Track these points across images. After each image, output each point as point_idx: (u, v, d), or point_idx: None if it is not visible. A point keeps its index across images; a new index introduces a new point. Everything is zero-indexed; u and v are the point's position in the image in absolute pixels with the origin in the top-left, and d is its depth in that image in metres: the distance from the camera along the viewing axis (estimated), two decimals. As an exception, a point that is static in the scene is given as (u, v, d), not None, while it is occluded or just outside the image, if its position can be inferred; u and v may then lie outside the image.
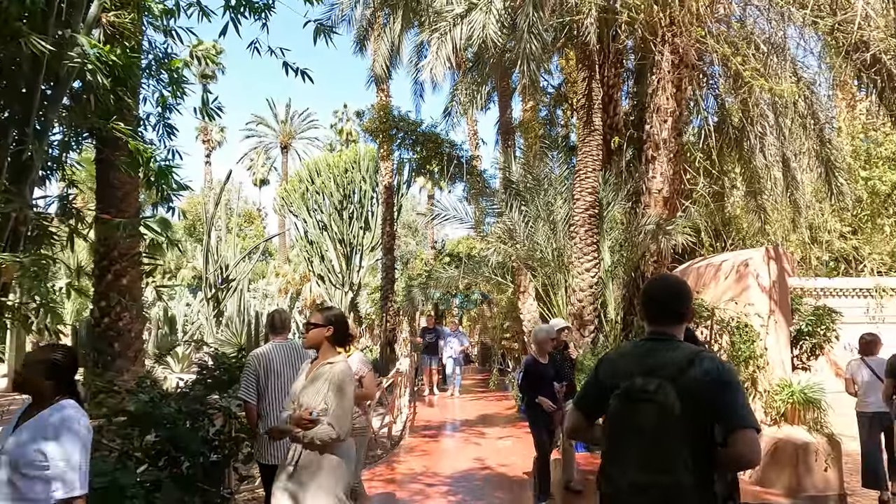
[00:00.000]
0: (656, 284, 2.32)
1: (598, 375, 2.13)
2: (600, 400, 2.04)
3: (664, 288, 2.23)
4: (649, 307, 2.17)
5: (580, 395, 2.23)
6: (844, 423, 7.89)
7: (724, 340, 6.48)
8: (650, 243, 9.17)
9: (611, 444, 1.99)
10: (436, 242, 27.45)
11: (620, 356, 2.15)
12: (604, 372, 2.12)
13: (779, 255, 6.64)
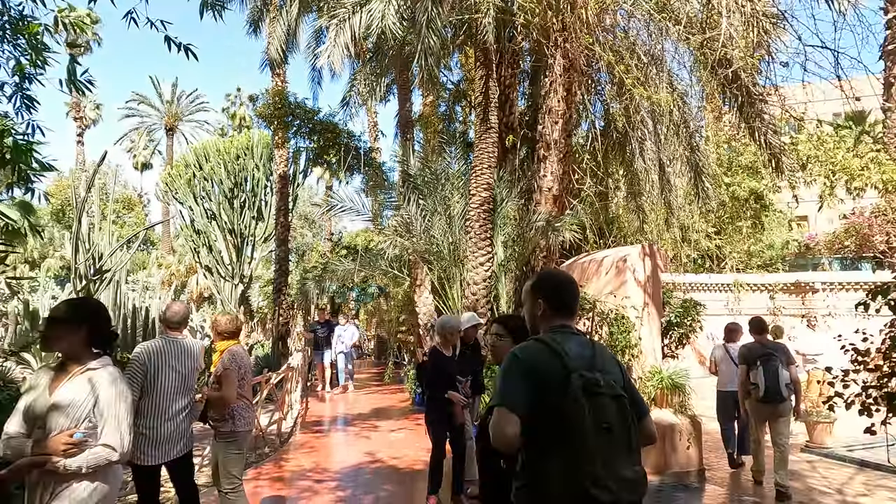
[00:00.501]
0: (568, 278, 2.27)
1: (530, 375, 1.92)
2: (536, 401, 1.90)
3: (574, 283, 2.27)
4: (569, 301, 2.17)
5: (514, 400, 1.91)
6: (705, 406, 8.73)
7: (604, 331, 6.91)
8: (540, 239, 9.57)
9: (578, 443, 1.86)
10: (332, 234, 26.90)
11: (557, 352, 1.97)
12: (541, 371, 1.93)
13: (653, 252, 7.18)
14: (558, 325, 2.11)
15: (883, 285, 3.44)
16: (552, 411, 1.88)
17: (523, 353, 2.00)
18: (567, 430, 1.87)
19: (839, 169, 11.88)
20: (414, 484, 6.06)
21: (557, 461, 1.88)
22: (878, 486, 6.31)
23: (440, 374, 5.15)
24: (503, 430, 1.88)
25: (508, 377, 1.97)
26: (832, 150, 12.10)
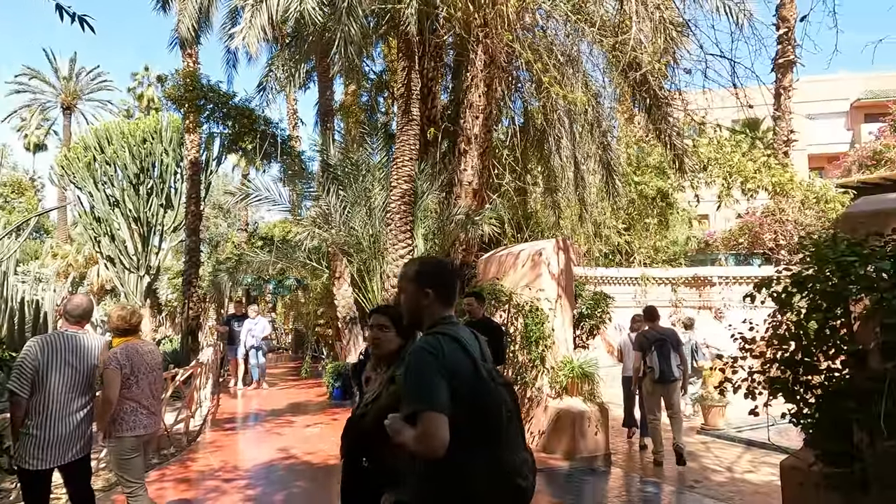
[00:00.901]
0: (453, 266, 2.29)
1: (445, 371, 1.82)
2: (452, 397, 1.81)
3: (456, 270, 2.27)
4: (455, 290, 2.11)
5: (441, 400, 1.78)
6: (613, 393, 9.18)
7: (519, 322, 7.08)
8: (460, 232, 9.67)
9: (497, 435, 1.88)
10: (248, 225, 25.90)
11: (464, 345, 1.90)
12: (455, 365, 1.84)
13: (567, 247, 7.43)
14: (446, 315, 2.02)
15: (766, 279, 3.73)
16: (469, 405, 1.82)
17: (435, 348, 1.86)
18: (487, 422, 1.86)
19: (735, 171, 12.80)
20: (329, 479, 5.96)
21: (479, 455, 1.84)
22: (762, 462, 6.88)
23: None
24: (440, 436, 1.74)
25: (426, 376, 1.82)
26: (730, 153, 13.02)
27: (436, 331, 1.94)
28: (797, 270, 3.63)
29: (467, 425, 1.81)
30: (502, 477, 1.87)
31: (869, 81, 30.62)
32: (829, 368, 3.66)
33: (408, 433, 1.82)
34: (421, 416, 1.77)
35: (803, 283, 3.50)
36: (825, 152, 27.83)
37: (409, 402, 1.84)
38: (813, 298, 3.65)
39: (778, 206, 13.57)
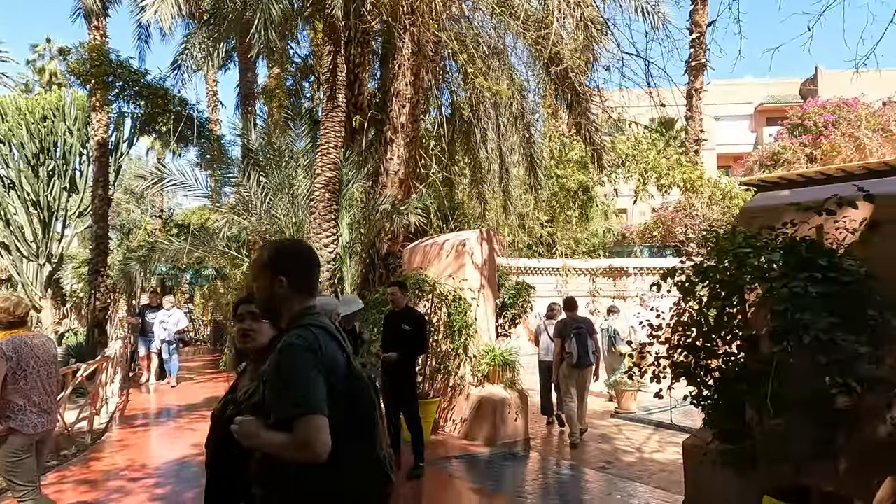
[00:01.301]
0: (313, 251, 2.01)
1: (322, 368, 1.69)
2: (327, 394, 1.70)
3: (317, 256, 2.01)
4: (317, 278, 1.95)
5: (321, 402, 1.64)
6: (534, 380, 9.45)
7: (443, 312, 7.13)
8: (386, 222, 9.60)
9: (370, 430, 1.85)
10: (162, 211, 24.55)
11: (337, 339, 1.81)
12: (331, 361, 1.73)
13: (490, 237, 7.54)
14: (310, 306, 1.85)
15: (672, 269, 3.94)
16: (345, 403, 1.72)
17: (310, 343, 1.69)
18: (362, 419, 1.80)
19: (651, 168, 13.43)
20: (245, 474, 5.79)
21: (355, 453, 1.76)
22: (668, 442, 7.31)
23: None
24: (323, 440, 1.61)
25: (303, 374, 1.65)
26: (646, 150, 13.63)
27: (307, 324, 1.76)
28: (699, 261, 3.86)
29: (343, 423, 1.69)
30: (377, 474, 1.83)
31: (770, 87, 33.05)
32: (726, 353, 3.92)
33: (276, 439, 1.65)
34: (301, 421, 1.60)
35: (705, 273, 3.72)
36: (732, 152, 29.77)
37: (286, 405, 1.64)
38: (713, 287, 3.88)
39: (688, 201, 14.36)
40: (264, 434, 1.68)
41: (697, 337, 3.88)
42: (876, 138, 12.33)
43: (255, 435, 1.70)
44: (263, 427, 1.70)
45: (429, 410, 6.77)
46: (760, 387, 3.44)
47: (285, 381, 1.67)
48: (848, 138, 12.57)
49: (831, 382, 3.09)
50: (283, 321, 1.86)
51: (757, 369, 3.59)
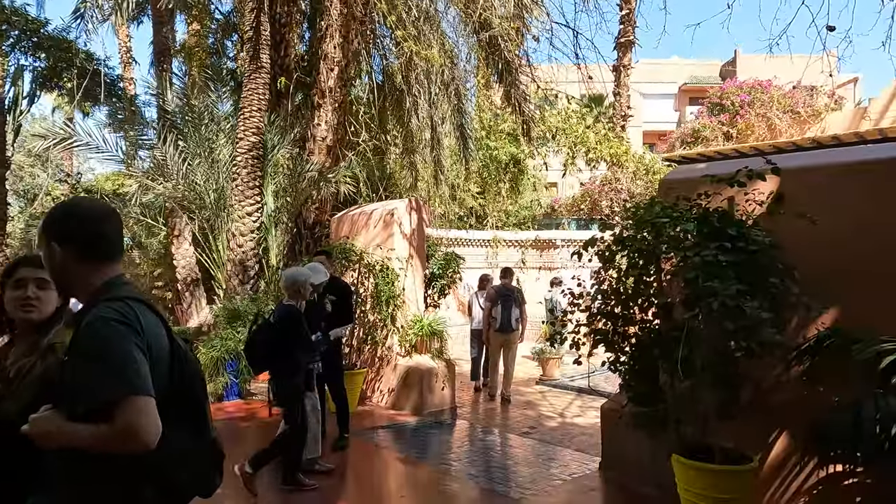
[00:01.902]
0: (108, 210, 1.65)
1: (142, 344, 1.44)
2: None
3: (114, 215, 1.66)
4: (104, 241, 1.59)
5: (147, 381, 1.41)
6: (462, 350, 9.55)
7: (370, 282, 7.02)
8: (313, 190, 9.30)
9: (201, 415, 1.65)
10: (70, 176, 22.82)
11: (157, 312, 1.57)
12: (152, 337, 1.48)
13: (419, 207, 7.45)
14: (116, 276, 1.58)
15: (592, 239, 4.01)
16: (170, 381, 1.52)
17: (128, 317, 1.44)
18: (189, 400, 1.60)
19: (580, 142, 13.69)
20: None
21: (182, 440, 1.55)
22: (589, 407, 7.59)
23: (303, 336, 4.50)
24: (154, 423, 1.39)
25: (122, 351, 1.39)
26: (575, 125, 13.86)
27: (120, 296, 1.49)
28: (619, 230, 3.95)
29: (170, 407, 1.48)
30: (211, 461, 1.67)
31: (694, 68, 34.45)
32: (642, 320, 4.06)
33: (88, 431, 1.38)
34: (123, 404, 1.35)
35: (623, 242, 3.80)
36: (656, 129, 30.89)
37: (101, 387, 1.37)
38: (631, 256, 3.99)
39: (614, 175, 14.78)
40: (69, 428, 1.40)
41: (616, 305, 3.99)
42: (786, 119, 13.09)
43: (58, 432, 1.41)
44: (64, 420, 1.41)
45: (355, 381, 6.70)
46: (673, 352, 3.59)
47: (99, 360, 1.39)
48: (761, 118, 13.27)
49: (736, 346, 3.25)
50: (80, 294, 1.58)
51: (670, 335, 3.73)
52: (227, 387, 7.18)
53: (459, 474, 4.86)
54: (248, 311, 8.00)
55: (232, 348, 7.21)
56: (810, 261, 3.47)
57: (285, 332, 4.38)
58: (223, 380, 7.10)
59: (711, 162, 11.35)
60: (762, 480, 3.83)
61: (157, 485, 1.52)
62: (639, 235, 3.78)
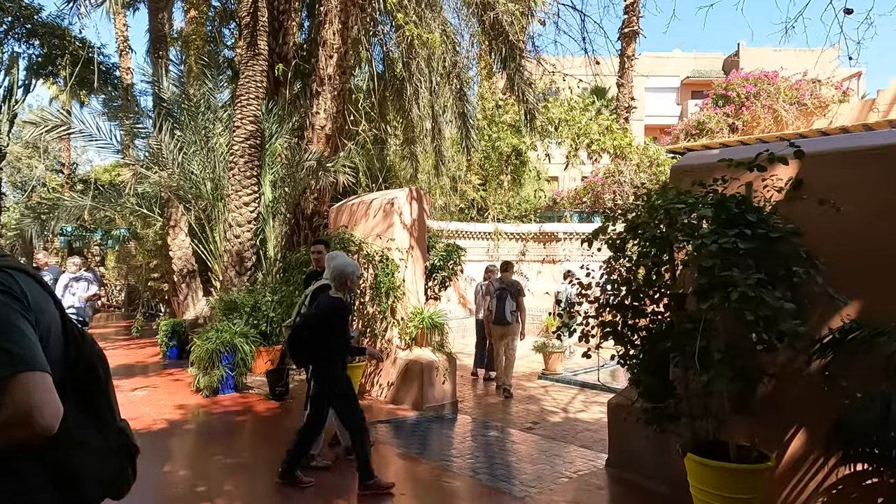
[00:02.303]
0: None
1: (30, 316, 1.27)
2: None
3: None
4: None
5: (37, 353, 1.22)
6: (463, 343, 9.37)
7: (370, 273, 6.83)
8: (311, 180, 9.11)
9: (104, 399, 1.46)
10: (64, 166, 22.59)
11: (42, 283, 1.39)
12: (36, 307, 1.31)
13: (420, 196, 7.26)
14: None
15: (602, 227, 3.83)
16: (66, 359, 1.36)
17: (10, 286, 1.27)
18: (88, 381, 1.41)
19: (582, 133, 13.48)
20: (153, 444, 5.38)
21: (83, 429, 1.38)
22: (593, 402, 7.43)
23: (345, 332, 4.30)
24: (53, 402, 1.20)
25: (8, 323, 1.21)
26: (578, 116, 13.65)
27: (1, 265, 1.31)
28: (630, 218, 3.77)
29: (68, 390, 1.32)
30: (116, 451, 1.47)
31: (697, 61, 34.14)
32: (654, 312, 3.88)
33: None
34: (16, 381, 1.16)
35: (636, 230, 3.62)
36: (659, 123, 30.63)
37: None
38: (643, 245, 3.81)
39: (617, 168, 14.58)
40: None
41: (626, 295, 3.82)
42: (792, 111, 12.88)
43: None
44: None
45: (354, 375, 6.52)
46: (687, 345, 3.42)
47: None
48: (767, 110, 13.06)
49: (757, 339, 3.08)
50: None
51: (683, 327, 3.57)
52: (223, 380, 7.01)
53: (462, 471, 4.70)
54: (244, 303, 7.84)
55: (227, 340, 7.05)
56: (831, 250, 3.29)
57: (329, 325, 4.11)
58: (218, 373, 6.93)
59: (720, 151, 11.18)
60: (779, 479, 3.67)
61: (56, 478, 1.31)
62: (652, 222, 3.60)
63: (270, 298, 7.98)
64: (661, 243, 3.61)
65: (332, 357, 4.18)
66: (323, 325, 4.11)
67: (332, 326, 4.12)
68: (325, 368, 4.18)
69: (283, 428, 5.89)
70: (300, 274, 6.82)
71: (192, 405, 6.73)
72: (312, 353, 4.17)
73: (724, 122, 13.44)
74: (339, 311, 4.15)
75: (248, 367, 7.30)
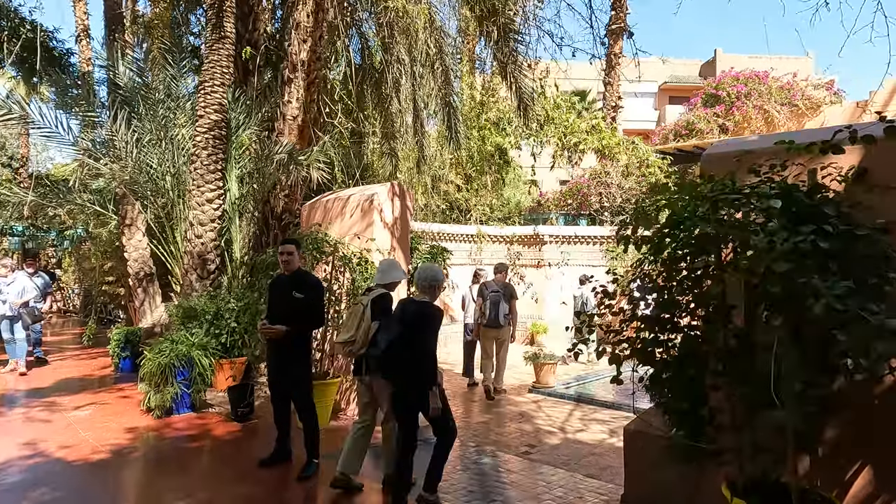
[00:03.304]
0: None
1: None
2: None
3: None
4: None
5: None
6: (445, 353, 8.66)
7: (346, 278, 6.09)
8: (282, 174, 8.31)
9: None
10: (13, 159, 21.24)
11: None
12: None
13: (402, 192, 6.55)
14: None
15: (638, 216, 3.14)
16: None
17: None
18: None
19: (569, 132, 12.93)
20: (87, 481, 4.55)
21: None
22: (591, 419, 6.79)
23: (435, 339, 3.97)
24: None
25: None
26: (564, 114, 13.10)
27: None
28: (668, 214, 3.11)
29: None
30: None
31: (674, 67, 34.16)
32: (689, 325, 3.24)
33: None
34: None
35: (679, 225, 2.95)
36: (637, 128, 30.44)
37: None
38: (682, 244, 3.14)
39: (604, 169, 14.07)
40: None
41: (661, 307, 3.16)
42: (784, 112, 12.52)
43: None
44: None
45: (327, 392, 5.77)
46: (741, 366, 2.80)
47: None
48: (758, 111, 12.68)
49: (839, 363, 2.45)
50: None
51: (730, 345, 2.93)
52: (177, 398, 6.17)
53: (455, 512, 3.99)
54: (205, 311, 7.01)
55: (183, 353, 6.22)
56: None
57: (422, 332, 3.82)
58: (172, 390, 6.09)
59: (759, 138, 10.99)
60: (845, 530, 3.04)
61: None
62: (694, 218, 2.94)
63: (234, 305, 7.15)
64: (705, 243, 2.96)
65: (431, 360, 3.83)
66: (427, 333, 3.85)
67: (424, 331, 3.84)
68: (418, 379, 3.81)
69: (245, 455, 5.10)
70: (266, 278, 6.04)
71: (140, 428, 5.89)
72: (410, 366, 3.81)
73: (713, 123, 13.02)
74: (431, 315, 3.90)
75: (208, 382, 6.47)
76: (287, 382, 4.80)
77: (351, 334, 4.29)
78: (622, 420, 6.70)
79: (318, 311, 4.84)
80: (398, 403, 3.91)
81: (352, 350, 4.27)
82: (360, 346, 4.22)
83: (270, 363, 4.90)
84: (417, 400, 3.81)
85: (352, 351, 4.28)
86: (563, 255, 12.67)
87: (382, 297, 4.31)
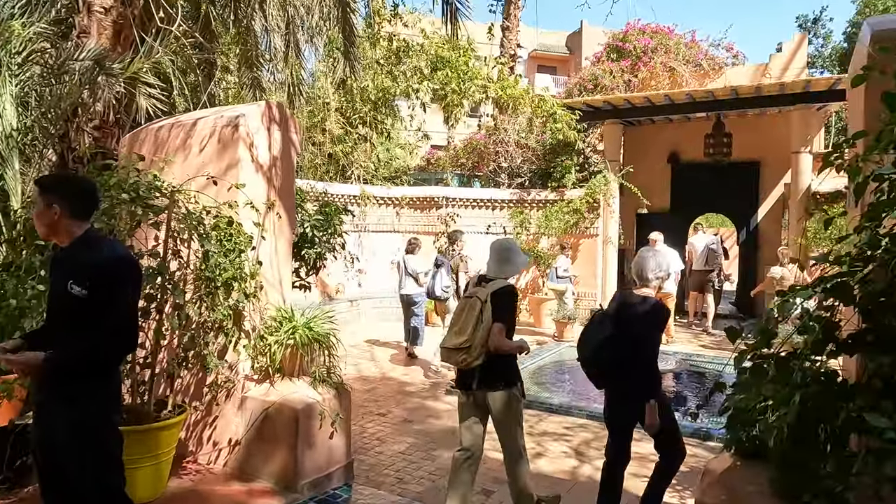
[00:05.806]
0: None
1: None
2: None
3: None
4: None
5: None
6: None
7: (193, 250, 3.76)
8: (87, 92, 5.52)
9: None
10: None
11: None
12: None
13: (284, 118, 4.26)
14: None
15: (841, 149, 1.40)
16: None
17: None
18: None
19: (469, 78, 11.21)
20: None
21: None
22: (542, 434, 5.21)
23: None
24: None
25: None
26: (463, 56, 11.35)
27: None
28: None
29: None
30: None
31: (543, 37, 34.09)
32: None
33: None
34: None
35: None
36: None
37: None
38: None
39: (502, 125, 12.56)
40: None
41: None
42: (688, 70, 11.85)
43: None
44: None
45: (160, 441, 3.47)
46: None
47: None
48: (664, 67, 11.89)
49: None
50: None
51: None
52: None
53: None
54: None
55: None
56: None
57: (649, 328, 3.27)
58: None
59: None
60: None
61: None
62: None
63: (14, 286, 4.43)
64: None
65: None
66: (645, 326, 3.26)
67: (652, 328, 3.30)
68: (647, 388, 3.21)
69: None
70: (43, 252, 3.56)
71: None
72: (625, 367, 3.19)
73: (619, 78, 12.01)
74: (661, 310, 3.36)
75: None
76: (56, 449, 2.44)
77: (465, 338, 3.22)
78: (582, 432, 5.21)
79: (116, 322, 2.44)
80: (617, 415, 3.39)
81: (465, 359, 3.22)
82: (478, 353, 3.20)
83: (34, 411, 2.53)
84: (633, 413, 3.28)
85: (465, 360, 3.23)
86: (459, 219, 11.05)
87: (507, 294, 3.32)
